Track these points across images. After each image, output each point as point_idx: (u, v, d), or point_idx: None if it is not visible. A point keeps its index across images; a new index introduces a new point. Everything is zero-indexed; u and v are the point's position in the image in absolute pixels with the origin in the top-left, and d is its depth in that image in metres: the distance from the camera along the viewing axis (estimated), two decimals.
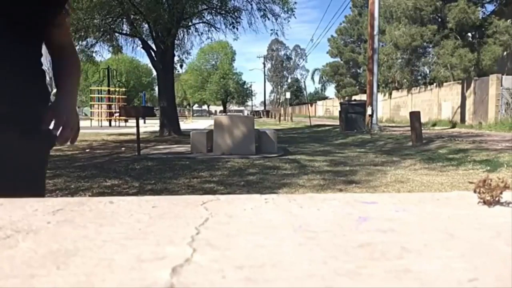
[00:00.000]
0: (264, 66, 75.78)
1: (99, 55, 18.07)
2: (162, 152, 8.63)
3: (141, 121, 8.10)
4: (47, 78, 1.04)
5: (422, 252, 0.45)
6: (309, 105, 49.48)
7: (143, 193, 4.42)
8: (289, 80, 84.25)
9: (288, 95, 46.32)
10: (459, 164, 6.27)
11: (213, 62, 60.99)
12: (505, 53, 15.86)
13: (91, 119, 18.75)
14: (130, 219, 0.58)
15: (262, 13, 15.23)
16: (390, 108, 24.03)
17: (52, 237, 0.49)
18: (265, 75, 76.09)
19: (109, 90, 18.37)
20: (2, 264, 0.41)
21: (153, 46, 14.18)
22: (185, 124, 23.05)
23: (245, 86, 65.79)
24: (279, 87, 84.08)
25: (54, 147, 0.97)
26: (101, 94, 18.60)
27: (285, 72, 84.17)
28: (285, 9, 15.06)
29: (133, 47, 16.61)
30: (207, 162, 7.10)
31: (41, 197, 0.78)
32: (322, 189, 4.94)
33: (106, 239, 0.49)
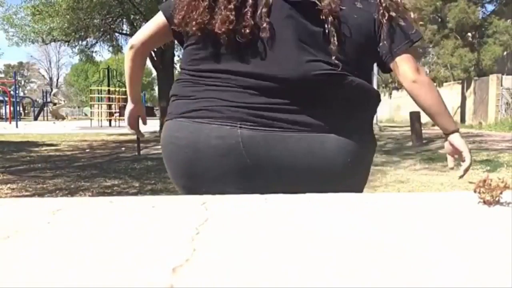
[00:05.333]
0: None
1: (99, 55, 18.05)
2: None
3: (141, 121, 8.03)
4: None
5: (422, 252, 0.45)
6: None
7: (143, 193, 4.42)
8: None
9: None
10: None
11: None
12: (505, 53, 15.84)
13: (91, 119, 18.74)
14: (130, 219, 0.58)
15: None
16: (390, 108, 24.04)
17: (52, 237, 0.49)
18: None
19: (109, 90, 18.35)
20: (3, 263, 0.41)
21: None
22: None
23: None
24: None
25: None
26: (101, 94, 18.59)
27: None
28: None
29: None
30: None
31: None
32: None
33: (106, 239, 0.49)
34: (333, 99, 0.99)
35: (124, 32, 15.19)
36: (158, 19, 1.10)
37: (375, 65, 1.11)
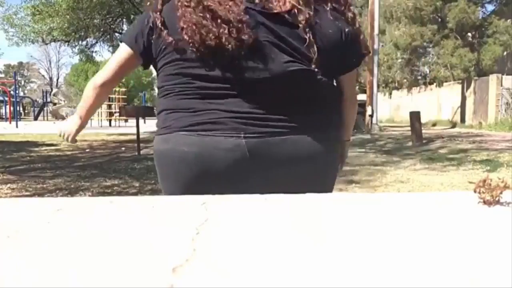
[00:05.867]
0: None
1: (99, 55, 18.08)
2: None
3: (141, 121, 8.05)
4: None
5: (422, 251, 0.45)
6: None
7: (143, 193, 4.42)
8: None
9: None
10: (459, 164, 6.26)
11: None
12: (505, 53, 15.85)
13: (91, 119, 18.75)
14: (130, 219, 0.58)
15: None
16: (390, 108, 24.06)
17: (52, 237, 0.49)
18: None
19: None
20: (3, 263, 0.41)
21: None
22: None
23: None
24: None
25: None
26: None
27: None
28: None
29: None
30: None
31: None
32: None
33: (106, 239, 0.49)
34: (319, 97, 1.08)
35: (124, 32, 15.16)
36: (124, 52, 1.13)
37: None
